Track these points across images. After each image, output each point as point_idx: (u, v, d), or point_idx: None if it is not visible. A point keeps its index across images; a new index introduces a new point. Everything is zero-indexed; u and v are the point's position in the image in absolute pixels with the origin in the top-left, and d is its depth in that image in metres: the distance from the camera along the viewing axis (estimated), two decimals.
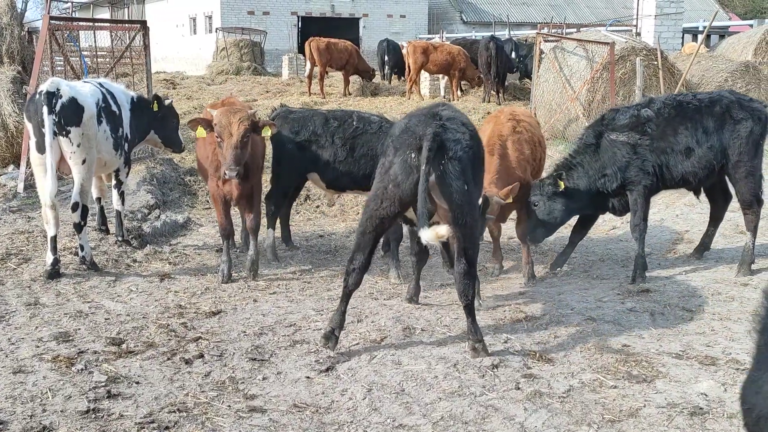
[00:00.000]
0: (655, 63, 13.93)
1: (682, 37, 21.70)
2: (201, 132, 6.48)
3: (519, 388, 4.43)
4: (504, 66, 18.39)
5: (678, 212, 9.19)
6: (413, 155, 4.75)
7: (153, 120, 8.06)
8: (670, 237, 8.46)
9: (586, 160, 6.89)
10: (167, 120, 8.25)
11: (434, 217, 4.96)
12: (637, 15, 21.10)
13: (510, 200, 6.38)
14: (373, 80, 21.18)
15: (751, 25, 21.56)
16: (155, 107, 8.04)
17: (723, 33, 24.62)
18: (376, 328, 5.59)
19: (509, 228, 8.38)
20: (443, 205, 4.78)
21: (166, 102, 8.23)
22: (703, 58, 16.15)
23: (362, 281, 5.17)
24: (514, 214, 7.30)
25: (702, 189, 7.38)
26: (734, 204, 8.74)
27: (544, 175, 7.41)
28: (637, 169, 6.74)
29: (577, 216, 7.43)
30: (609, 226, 8.83)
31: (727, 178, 7.12)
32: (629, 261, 7.28)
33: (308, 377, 4.70)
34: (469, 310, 4.99)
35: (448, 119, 4.98)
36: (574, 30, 23.97)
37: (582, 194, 6.92)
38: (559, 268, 7.33)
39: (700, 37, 17.03)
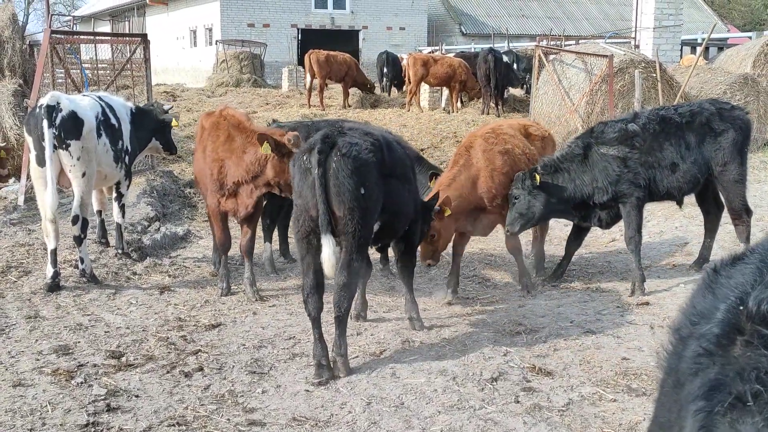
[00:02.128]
0: (654, 75, 13.99)
1: (681, 50, 21.79)
2: (267, 149, 6.08)
3: (518, 402, 4.43)
4: (503, 78, 18.45)
5: (677, 224, 9.21)
6: (305, 157, 4.72)
7: (155, 128, 8.15)
8: (669, 249, 8.47)
9: (573, 168, 6.89)
10: (167, 126, 8.35)
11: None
12: (636, 27, 21.20)
13: (447, 213, 6.27)
14: (374, 92, 21.25)
15: (750, 37, 21.66)
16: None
17: (722, 45, 24.73)
18: (375, 341, 5.59)
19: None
20: (336, 209, 4.65)
21: (166, 107, 8.32)
22: (701, 70, 16.21)
23: (323, 303, 4.99)
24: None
25: (698, 201, 7.41)
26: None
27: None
28: (628, 182, 6.76)
29: (571, 226, 7.44)
30: (608, 238, 8.84)
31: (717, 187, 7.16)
32: (629, 273, 7.28)
33: (307, 390, 4.70)
34: (339, 322, 4.85)
35: (350, 129, 4.99)
36: (573, 42, 24.07)
37: (563, 199, 6.91)
38: (558, 281, 7.33)
39: (699, 49, 17.11)
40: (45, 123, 6.40)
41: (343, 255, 4.72)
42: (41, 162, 6.52)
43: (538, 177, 6.73)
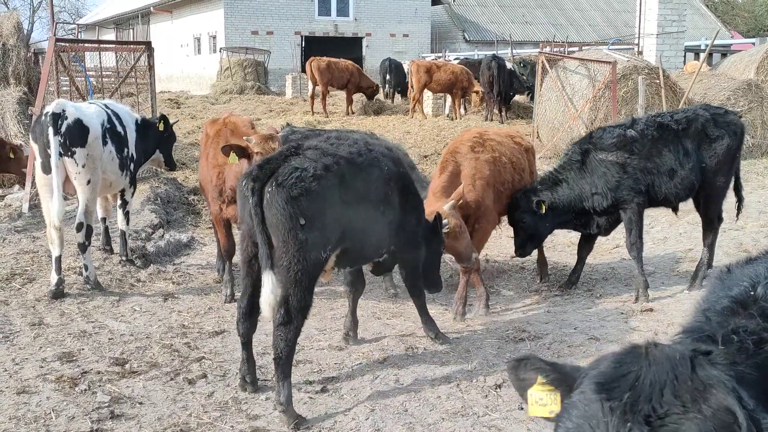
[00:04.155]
0: (657, 81, 13.98)
1: (684, 56, 21.78)
2: (233, 158, 6.04)
3: (522, 408, 4.42)
4: (506, 85, 18.47)
5: (681, 230, 9.19)
6: (244, 183, 4.40)
7: (159, 140, 8.20)
8: (673, 255, 8.45)
9: (571, 177, 6.90)
10: (171, 139, 8.43)
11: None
12: (639, 34, 21.20)
13: (460, 201, 6.05)
14: (377, 98, 21.28)
15: (754, 43, 21.65)
16: (161, 127, 8.16)
17: (725, 51, 24.70)
18: (378, 348, 5.59)
19: (508, 246, 8.39)
20: (273, 240, 4.31)
21: (172, 122, 8.42)
22: (705, 76, 16.20)
23: (255, 327, 4.75)
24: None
25: (696, 207, 7.43)
26: (739, 222, 8.73)
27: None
28: (628, 188, 6.77)
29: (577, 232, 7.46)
30: (612, 244, 8.82)
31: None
32: (632, 280, 7.27)
33: (311, 397, 4.70)
34: (278, 365, 4.35)
35: (309, 148, 4.56)
36: (576, 49, 24.09)
37: (565, 210, 6.93)
38: (574, 286, 7.32)
39: (702, 55, 17.09)
40: (50, 130, 6.43)
41: (281, 290, 4.31)
42: (47, 169, 6.55)
43: (544, 207, 6.74)
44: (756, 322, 1.78)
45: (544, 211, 6.75)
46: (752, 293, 1.89)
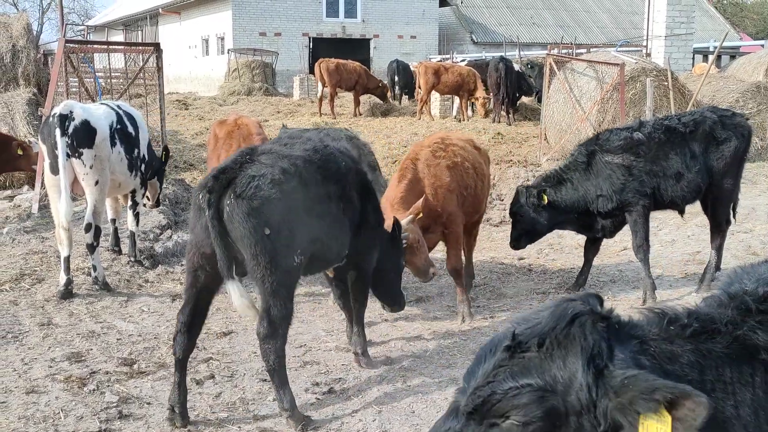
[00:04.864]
0: (666, 84, 13.95)
1: (693, 58, 21.72)
2: None
3: None
4: (514, 87, 18.45)
5: (690, 233, 9.16)
6: (200, 195, 4.16)
7: (159, 169, 8.23)
8: (681, 258, 8.42)
9: (576, 177, 6.88)
10: (163, 174, 8.55)
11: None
12: (647, 36, 21.16)
13: (420, 215, 5.84)
14: (387, 99, 21.29)
15: (763, 45, 21.57)
16: (163, 158, 8.23)
17: (734, 53, 24.63)
18: (386, 350, 5.59)
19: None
20: (239, 254, 4.16)
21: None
22: (713, 78, 16.15)
23: (193, 345, 4.53)
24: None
25: (703, 209, 7.41)
26: (746, 224, 8.71)
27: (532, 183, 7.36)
28: (634, 190, 6.75)
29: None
30: (620, 246, 8.80)
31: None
32: (640, 282, 7.24)
33: (318, 398, 4.71)
34: (273, 374, 4.31)
35: (263, 153, 4.36)
36: (584, 51, 24.05)
37: (568, 210, 6.91)
38: (581, 288, 7.31)
39: (711, 57, 17.04)
40: (58, 132, 6.46)
41: (260, 302, 4.24)
42: (55, 170, 6.59)
43: (545, 197, 6.72)
44: (723, 313, 1.98)
45: (545, 203, 6.72)
46: (746, 289, 2.06)
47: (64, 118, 6.53)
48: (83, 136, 6.63)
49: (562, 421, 1.81)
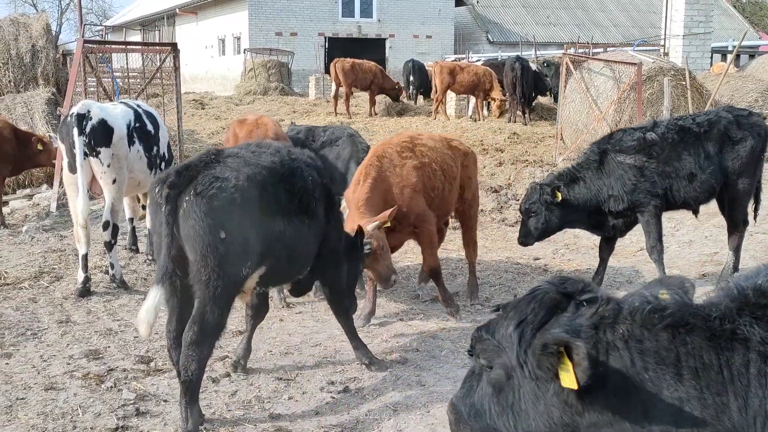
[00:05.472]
0: (683, 83, 13.84)
1: (711, 57, 21.54)
2: None
3: None
4: (530, 86, 18.38)
5: (707, 234, 9.09)
6: (157, 189, 4.05)
7: None
8: (698, 258, 8.36)
9: (589, 176, 6.85)
10: None
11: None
12: (665, 35, 21.01)
13: (388, 224, 5.68)
14: (401, 99, 21.29)
15: None
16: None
17: (753, 53, 24.39)
18: (401, 349, 5.59)
19: (531, 248, 8.36)
20: (188, 253, 3.98)
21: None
22: (732, 77, 16.02)
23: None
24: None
25: (720, 209, 7.35)
26: (764, 225, 8.62)
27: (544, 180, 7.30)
28: (645, 191, 6.71)
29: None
30: (636, 247, 8.74)
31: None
32: None
33: (333, 397, 4.72)
34: (187, 388, 4.01)
35: (230, 156, 4.23)
36: (601, 50, 23.92)
37: (580, 208, 6.88)
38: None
39: (730, 56, 16.88)
40: (75, 131, 6.53)
41: (195, 306, 4.01)
42: (73, 169, 6.65)
43: (559, 195, 6.69)
44: (720, 305, 2.15)
45: (559, 200, 6.69)
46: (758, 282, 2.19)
47: (82, 118, 6.59)
48: (100, 135, 6.70)
49: (510, 372, 2.29)
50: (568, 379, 2.10)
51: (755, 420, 2.02)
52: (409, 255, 8.19)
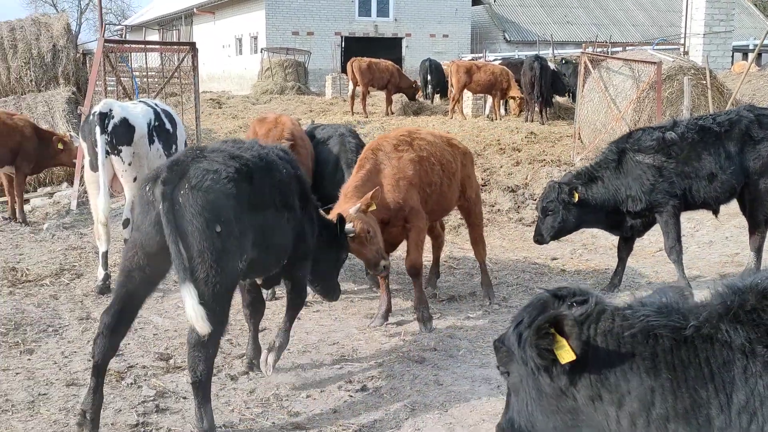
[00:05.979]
0: (704, 82, 13.71)
1: (732, 56, 21.34)
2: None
3: None
4: (548, 86, 18.29)
5: (728, 234, 9.01)
6: (148, 187, 3.96)
7: None
8: (719, 259, 8.29)
9: (607, 175, 6.82)
10: None
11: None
12: (685, 33, 20.83)
13: (373, 207, 5.53)
14: (417, 98, 21.26)
15: None
16: None
17: None
18: (418, 348, 5.59)
19: (548, 248, 8.34)
20: (186, 250, 3.85)
21: None
22: (753, 77, 15.86)
23: (115, 350, 4.22)
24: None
25: (741, 209, 7.29)
26: None
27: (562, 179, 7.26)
28: (663, 191, 6.66)
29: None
30: (656, 247, 8.68)
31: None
32: (677, 283, 7.15)
33: (351, 396, 4.73)
34: (197, 388, 3.95)
35: (213, 151, 4.19)
36: (620, 49, 23.75)
37: (598, 208, 6.84)
38: (616, 289, 7.24)
39: (751, 55, 16.71)
40: (97, 130, 6.60)
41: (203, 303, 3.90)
42: (94, 167, 6.72)
43: (577, 195, 6.67)
44: (704, 308, 2.32)
45: (576, 200, 6.67)
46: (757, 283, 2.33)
47: (104, 116, 6.66)
48: (122, 134, 6.76)
49: (523, 374, 2.46)
50: (566, 353, 2.27)
51: (740, 415, 2.14)
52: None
